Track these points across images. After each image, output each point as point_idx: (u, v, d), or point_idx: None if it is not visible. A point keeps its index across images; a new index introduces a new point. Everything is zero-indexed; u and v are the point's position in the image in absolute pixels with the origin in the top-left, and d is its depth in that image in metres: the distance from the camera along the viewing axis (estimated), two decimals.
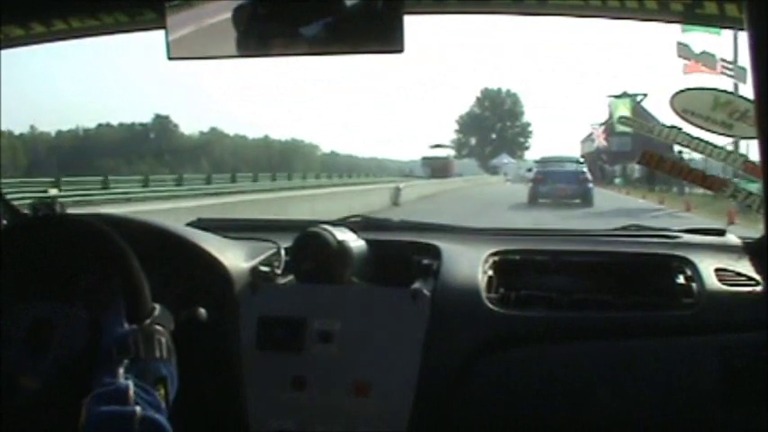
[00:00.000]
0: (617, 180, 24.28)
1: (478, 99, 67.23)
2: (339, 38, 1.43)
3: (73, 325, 1.27)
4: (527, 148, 65.92)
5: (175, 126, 57.21)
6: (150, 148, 49.58)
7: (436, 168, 39.89)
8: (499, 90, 67.97)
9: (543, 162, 18.33)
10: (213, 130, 61.10)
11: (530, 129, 66.94)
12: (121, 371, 1.12)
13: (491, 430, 1.41)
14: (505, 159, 49.76)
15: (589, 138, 43.06)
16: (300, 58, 1.48)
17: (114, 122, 55.67)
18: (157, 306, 1.27)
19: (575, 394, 1.39)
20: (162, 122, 56.06)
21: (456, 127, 67.65)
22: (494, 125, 65.40)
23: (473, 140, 65.50)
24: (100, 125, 52.91)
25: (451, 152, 51.08)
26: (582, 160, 18.72)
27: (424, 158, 46.33)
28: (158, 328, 1.22)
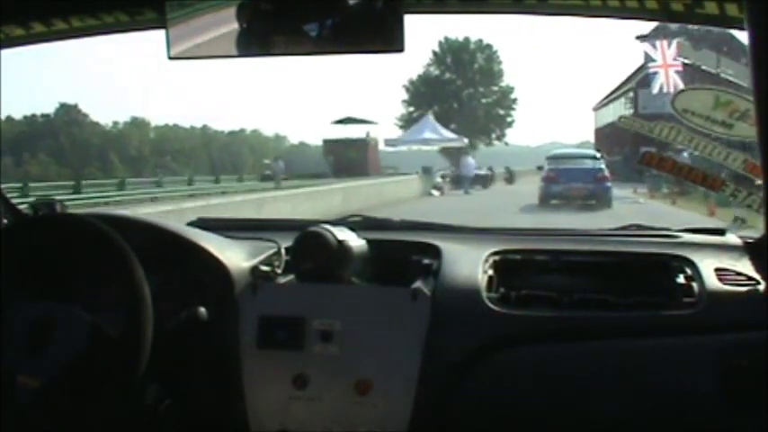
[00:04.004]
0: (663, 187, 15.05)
1: (437, 55, 44.32)
2: (339, 37, 1.43)
3: (73, 325, 1.27)
4: (509, 125, 44.68)
5: (85, 116, 50.59)
6: (48, 144, 43.00)
7: (343, 160, 26.61)
8: (467, 41, 44.36)
9: (556, 158, 16.39)
10: (135, 120, 53.73)
11: (513, 96, 44.69)
12: None
13: (491, 429, 1.41)
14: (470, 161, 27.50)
15: (613, 100, 32.94)
16: None
17: (17, 115, 48.12)
18: None
19: (575, 394, 1.39)
20: (68, 112, 49.47)
21: (404, 96, 44.60)
22: (459, 92, 43.38)
23: (430, 116, 38.75)
24: None
25: (375, 131, 30.87)
26: (598, 155, 16.83)
27: (326, 142, 31.11)
28: None
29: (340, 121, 30.24)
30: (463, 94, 43.63)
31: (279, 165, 26.33)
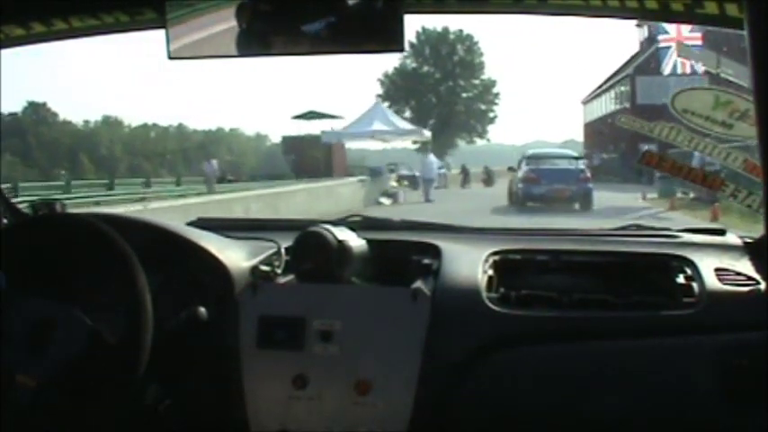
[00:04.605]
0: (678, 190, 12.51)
1: (414, 46, 40.96)
2: (339, 37, 1.43)
3: (73, 325, 1.27)
4: (491, 121, 41.93)
5: (54, 115, 49.05)
6: (14, 144, 40.83)
7: (305, 160, 22.95)
8: (445, 32, 41.72)
9: (536, 158, 15.62)
10: (107, 119, 51.88)
11: (495, 90, 42.12)
12: None
13: (491, 429, 1.41)
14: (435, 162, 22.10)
15: (605, 90, 31.25)
16: None
17: None
18: None
19: (575, 394, 1.39)
20: (37, 110, 47.64)
21: (378, 90, 41.80)
22: (437, 85, 41.07)
23: (406, 111, 38.62)
24: None
25: (340, 123, 25.70)
26: (576, 154, 16.15)
27: (285, 139, 27.99)
28: None
29: (301, 116, 26.39)
30: (442, 88, 41.02)
31: (211, 166, 23.12)
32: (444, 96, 40.89)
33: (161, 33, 1.49)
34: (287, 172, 24.42)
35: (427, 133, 24.68)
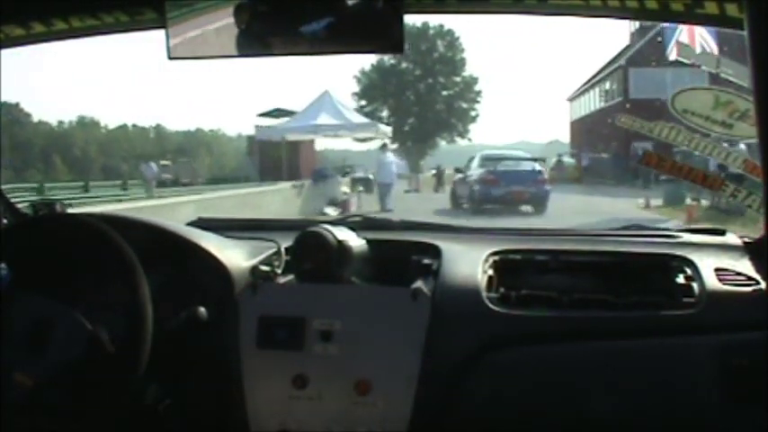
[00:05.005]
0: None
1: None
2: (339, 37, 1.43)
3: (73, 325, 1.27)
4: (473, 120, 39.37)
5: (27, 115, 46.77)
6: None
7: (271, 160, 20.38)
8: (425, 26, 39.00)
9: (493, 160, 14.80)
10: (82, 119, 49.57)
11: (477, 88, 39.58)
12: None
13: (491, 429, 1.41)
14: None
15: (594, 85, 29.07)
16: None
17: None
18: None
19: (575, 394, 1.39)
20: (9, 111, 44.72)
21: (355, 88, 39.20)
22: (417, 82, 38.73)
23: (384, 110, 36.27)
24: None
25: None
26: (530, 155, 15.38)
27: (250, 139, 25.90)
28: None
29: (267, 114, 23.70)
30: (421, 86, 38.53)
31: (150, 169, 21.42)
32: (424, 94, 38.66)
33: (141, 34, 1.48)
34: (251, 174, 22.35)
35: (385, 128, 20.43)
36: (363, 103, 37.50)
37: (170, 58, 1.49)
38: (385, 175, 14.93)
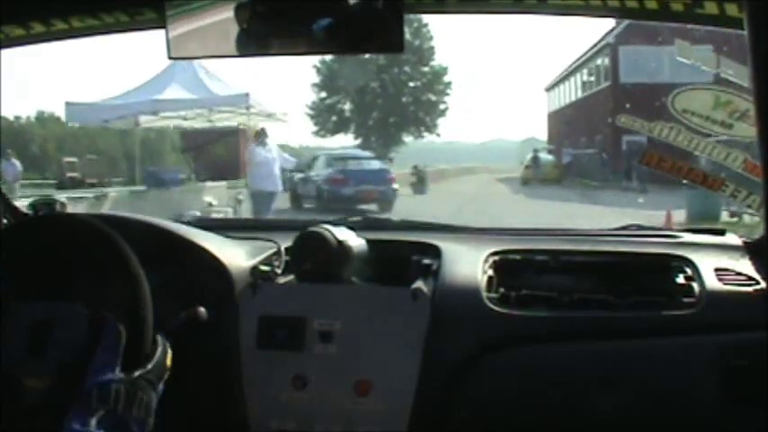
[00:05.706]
0: None
1: None
2: (339, 37, 1.43)
3: (73, 325, 1.27)
4: (443, 113, 35.88)
5: None
6: None
7: (208, 158, 16.43)
8: None
9: (342, 159, 14.63)
10: (41, 114, 43.29)
11: (446, 78, 35.91)
12: (94, 421, 1.10)
13: (491, 429, 1.41)
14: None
15: (575, 71, 25.11)
16: None
17: None
18: (159, 346, 1.24)
19: (575, 394, 1.39)
20: None
21: (315, 79, 34.93)
22: (380, 72, 34.56)
23: (346, 104, 33.11)
24: None
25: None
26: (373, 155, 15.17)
27: (184, 135, 19.35)
28: (145, 383, 1.20)
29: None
30: (386, 76, 34.40)
31: (14, 166, 17.14)
32: (389, 85, 34.51)
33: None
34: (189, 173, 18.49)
35: (265, 106, 13.47)
36: (324, 95, 34.38)
37: (170, 58, 1.50)
38: (261, 178, 9.29)
